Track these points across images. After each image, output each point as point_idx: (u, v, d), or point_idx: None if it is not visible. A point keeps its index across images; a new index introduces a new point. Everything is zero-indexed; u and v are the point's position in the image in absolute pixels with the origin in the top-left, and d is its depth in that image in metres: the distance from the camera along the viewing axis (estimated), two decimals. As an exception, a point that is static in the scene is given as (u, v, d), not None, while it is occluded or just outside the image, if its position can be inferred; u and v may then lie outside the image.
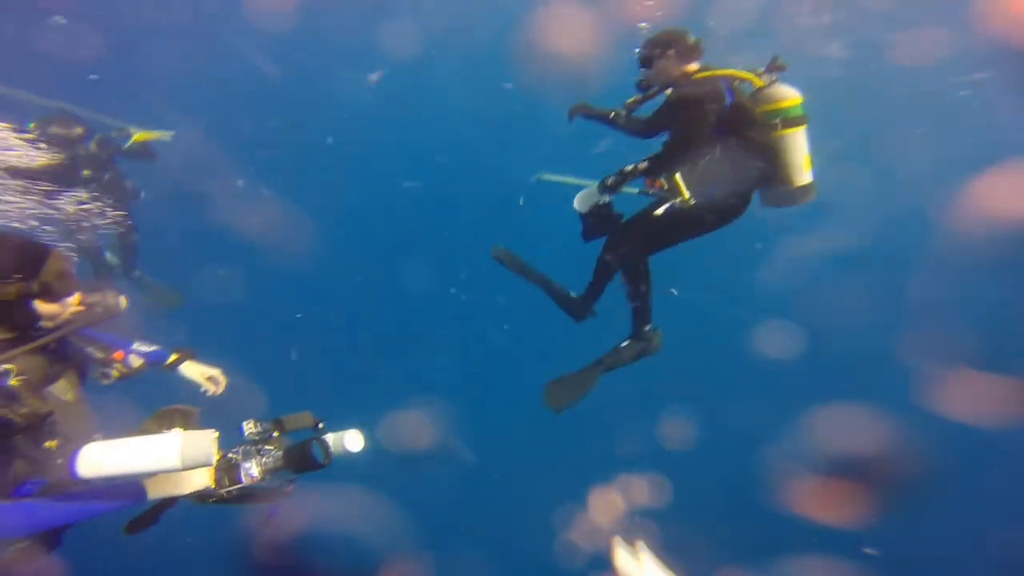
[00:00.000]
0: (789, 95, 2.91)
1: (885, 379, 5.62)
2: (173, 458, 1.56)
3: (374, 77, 4.68)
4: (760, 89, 2.93)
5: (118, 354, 1.93)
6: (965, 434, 4.88)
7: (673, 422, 5.62)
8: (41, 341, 1.64)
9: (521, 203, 4.69)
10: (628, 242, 3.17)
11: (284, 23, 7.36)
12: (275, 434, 1.82)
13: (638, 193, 3.15)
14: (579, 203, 3.15)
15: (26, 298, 1.64)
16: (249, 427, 1.81)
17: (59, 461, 1.68)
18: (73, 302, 1.72)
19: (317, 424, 1.88)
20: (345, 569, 4.55)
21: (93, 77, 7.04)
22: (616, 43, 5.78)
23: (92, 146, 4.23)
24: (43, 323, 1.69)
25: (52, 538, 1.84)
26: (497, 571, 4.80)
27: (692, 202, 2.94)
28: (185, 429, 1.71)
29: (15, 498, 1.63)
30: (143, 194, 4.58)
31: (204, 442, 1.60)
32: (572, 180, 3.38)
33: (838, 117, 7.27)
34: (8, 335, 1.65)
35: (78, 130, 4.14)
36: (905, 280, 6.01)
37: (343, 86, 7.74)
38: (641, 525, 4.87)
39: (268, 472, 1.75)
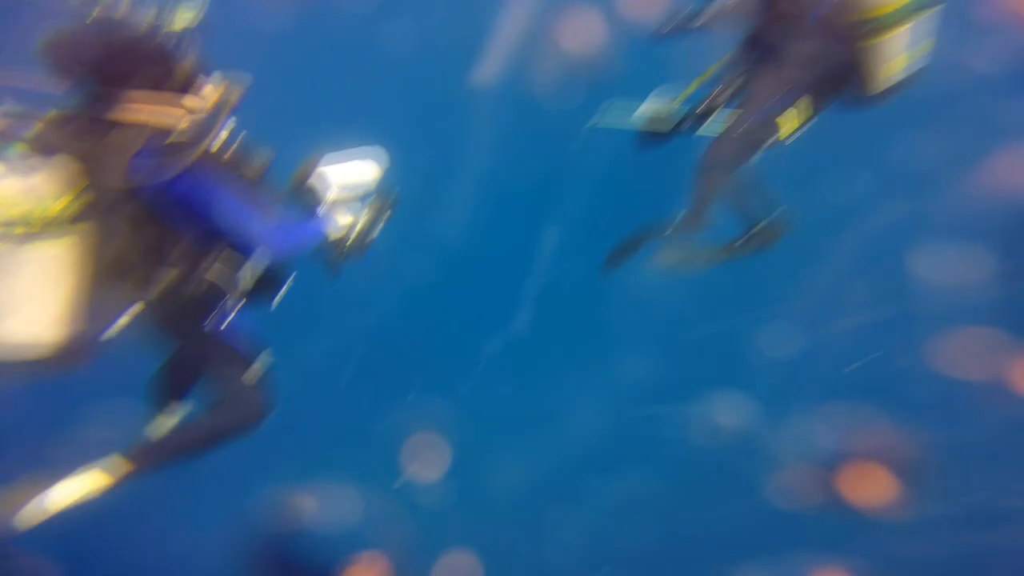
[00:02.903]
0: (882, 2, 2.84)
1: (887, 377, 5.62)
2: (373, 169, 2.26)
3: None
4: None
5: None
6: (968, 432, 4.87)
7: (673, 419, 5.62)
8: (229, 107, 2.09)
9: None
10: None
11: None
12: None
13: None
14: (646, 108, 3.14)
15: (185, 87, 2.01)
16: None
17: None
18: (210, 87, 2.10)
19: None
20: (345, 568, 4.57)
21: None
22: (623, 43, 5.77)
23: None
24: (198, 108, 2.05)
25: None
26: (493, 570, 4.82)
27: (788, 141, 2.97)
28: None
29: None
30: None
31: (371, 162, 2.27)
32: (640, 115, 3.14)
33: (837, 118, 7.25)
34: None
35: None
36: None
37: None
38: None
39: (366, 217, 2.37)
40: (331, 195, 2.26)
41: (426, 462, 5.32)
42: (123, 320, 2.09)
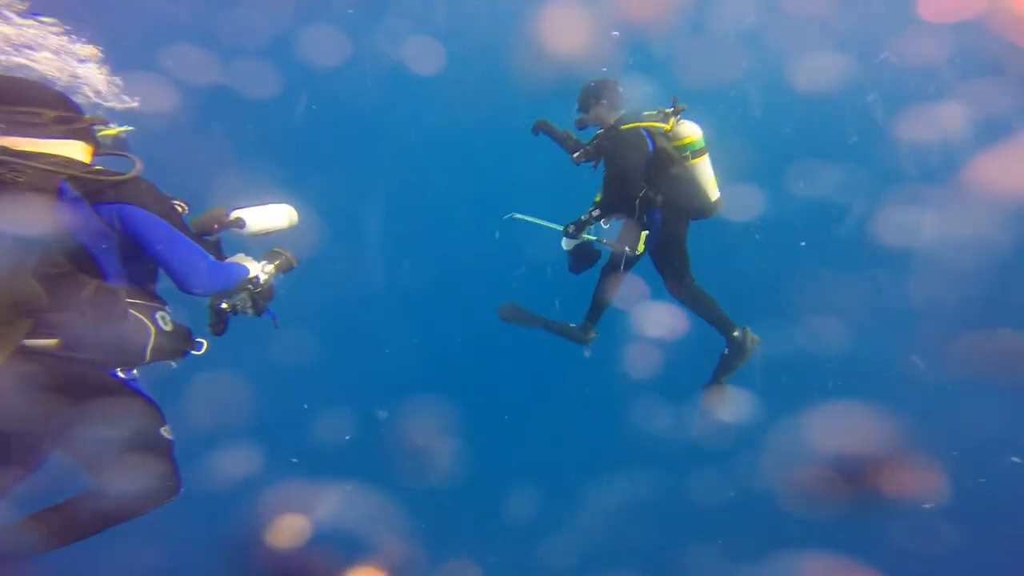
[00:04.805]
0: (693, 132, 3.43)
1: (888, 375, 5.62)
2: (285, 217, 2.33)
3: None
4: (669, 131, 3.42)
5: None
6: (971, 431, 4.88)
7: (672, 418, 5.63)
8: None
9: (497, 236, 5.24)
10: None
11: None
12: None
13: (595, 241, 3.67)
14: (565, 243, 3.67)
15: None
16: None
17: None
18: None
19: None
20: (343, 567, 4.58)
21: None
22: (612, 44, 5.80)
23: None
24: None
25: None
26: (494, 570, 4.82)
27: (641, 250, 3.54)
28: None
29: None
30: None
31: (291, 210, 2.37)
32: (542, 222, 3.84)
33: (835, 119, 7.29)
34: None
35: None
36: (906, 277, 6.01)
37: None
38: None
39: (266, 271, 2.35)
40: (248, 235, 2.25)
41: (427, 464, 5.34)
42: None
